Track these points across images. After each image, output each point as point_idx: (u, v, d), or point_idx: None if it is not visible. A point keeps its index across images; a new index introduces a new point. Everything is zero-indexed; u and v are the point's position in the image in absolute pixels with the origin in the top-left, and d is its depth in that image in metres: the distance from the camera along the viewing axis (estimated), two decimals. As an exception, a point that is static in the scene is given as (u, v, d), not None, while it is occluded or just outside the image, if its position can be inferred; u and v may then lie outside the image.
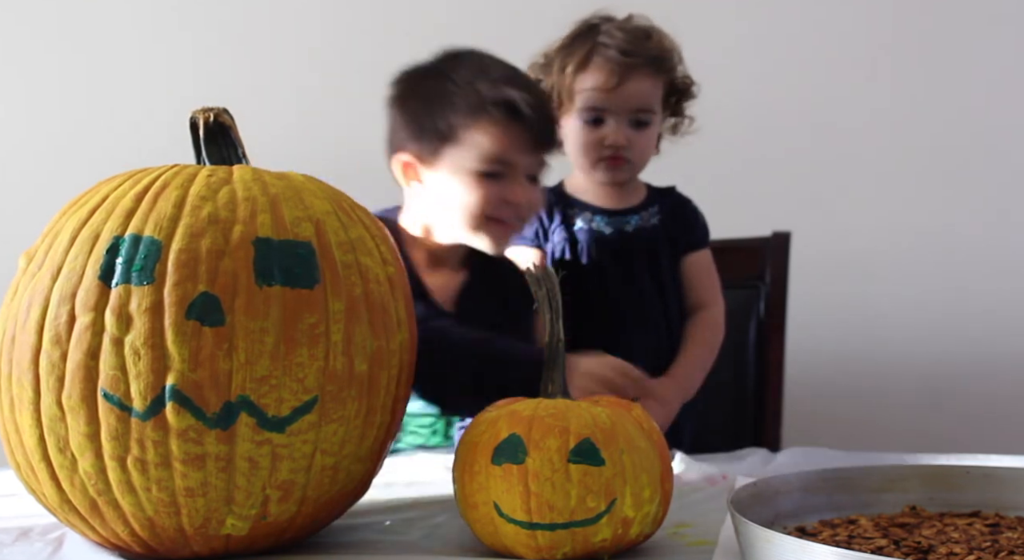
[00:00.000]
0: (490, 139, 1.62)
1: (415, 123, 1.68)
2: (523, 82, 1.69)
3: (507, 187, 1.65)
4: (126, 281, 1.04)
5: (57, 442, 1.05)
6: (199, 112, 1.17)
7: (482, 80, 1.65)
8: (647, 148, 1.85)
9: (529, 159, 1.66)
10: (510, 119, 1.62)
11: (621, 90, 1.78)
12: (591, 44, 1.80)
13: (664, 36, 1.84)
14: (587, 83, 1.80)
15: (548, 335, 1.18)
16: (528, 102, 1.63)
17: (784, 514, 1.21)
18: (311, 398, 1.06)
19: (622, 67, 1.77)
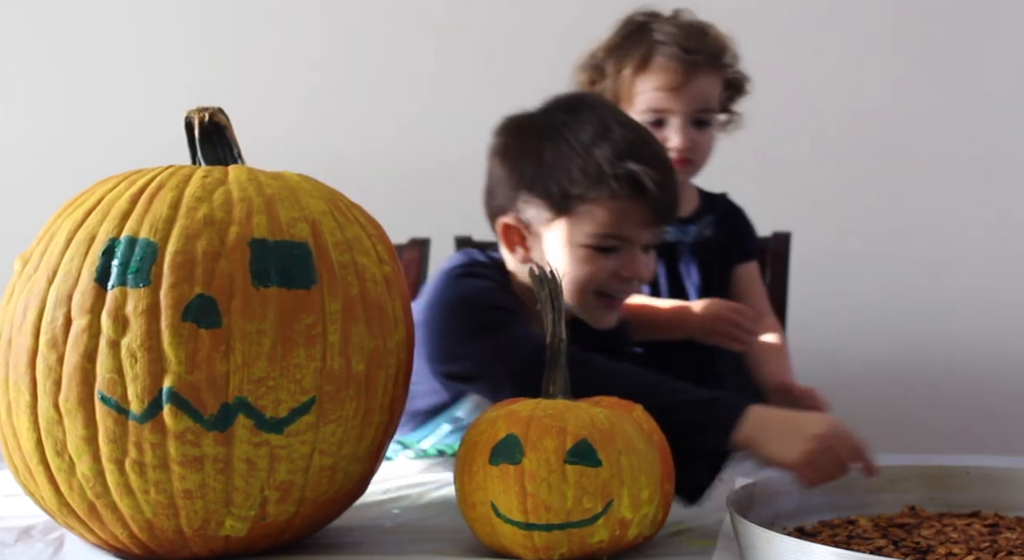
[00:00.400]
0: (609, 214, 1.47)
1: (524, 187, 1.52)
2: (649, 151, 1.51)
3: (621, 261, 1.50)
4: (122, 283, 1.04)
5: (55, 445, 1.05)
6: (194, 112, 1.17)
7: (603, 146, 1.48)
8: (708, 148, 1.80)
9: (647, 233, 1.51)
10: (631, 195, 1.46)
11: (686, 89, 1.73)
12: (648, 43, 1.75)
13: (718, 31, 1.79)
14: (649, 84, 1.74)
15: (550, 336, 1.18)
16: (653, 177, 1.46)
17: (784, 514, 1.21)
18: (309, 399, 1.06)
19: (686, 65, 1.72)
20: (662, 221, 1.52)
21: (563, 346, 1.18)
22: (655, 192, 1.46)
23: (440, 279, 1.52)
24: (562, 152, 1.49)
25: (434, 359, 1.45)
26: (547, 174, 1.49)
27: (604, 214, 1.47)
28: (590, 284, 1.50)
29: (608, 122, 1.51)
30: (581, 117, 1.52)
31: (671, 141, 1.73)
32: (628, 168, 1.45)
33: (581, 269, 1.49)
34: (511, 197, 1.52)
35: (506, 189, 1.53)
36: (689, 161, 1.76)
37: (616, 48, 1.77)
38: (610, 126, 1.50)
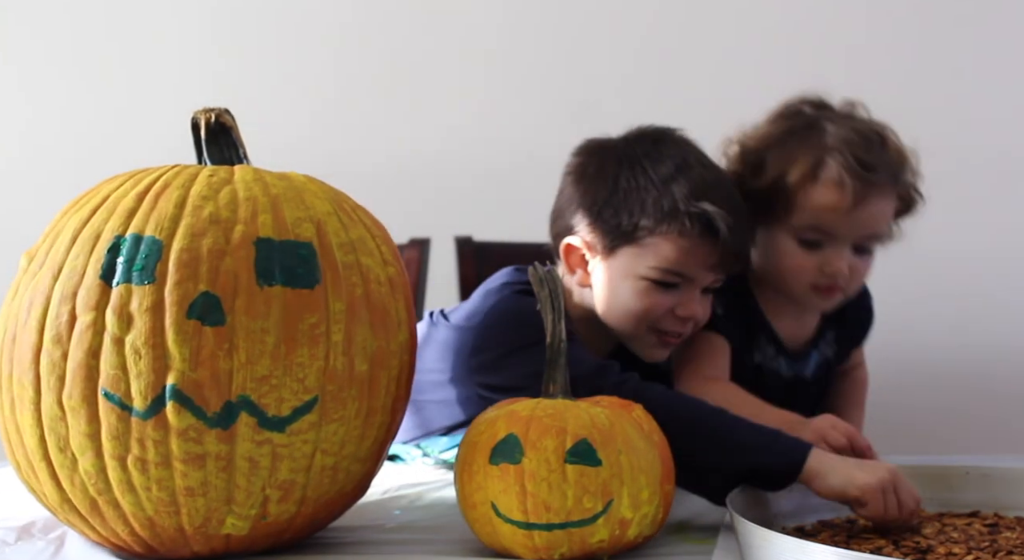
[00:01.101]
0: (675, 250, 1.46)
1: (594, 210, 1.50)
2: (724, 192, 1.49)
3: (679, 299, 1.49)
4: (127, 280, 1.04)
5: (58, 441, 1.05)
6: (200, 112, 1.18)
7: (681, 182, 1.47)
8: (865, 276, 1.57)
9: (710, 276, 1.49)
10: (701, 234, 1.45)
11: (856, 213, 1.48)
12: (818, 148, 1.50)
13: (896, 138, 1.55)
14: (816, 200, 1.49)
15: (550, 335, 1.18)
16: (726, 221, 1.45)
17: (783, 514, 1.22)
18: (311, 398, 1.06)
19: (861, 185, 1.47)
20: (728, 267, 1.50)
21: (563, 346, 1.18)
22: (726, 235, 1.45)
23: (496, 291, 1.50)
24: (639, 182, 1.48)
25: (477, 369, 1.44)
26: (621, 201, 1.48)
27: (671, 249, 1.45)
28: (646, 318, 1.49)
29: (689, 160, 1.50)
30: (663, 151, 1.51)
31: (828, 266, 1.51)
32: (703, 208, 1.44)
33: (639, 301, 1.48)
34: (579, 219, 1.52)
35: (576, 210, 1.52)
36: (839, 289, 1.54)
37: (779, 144, 1.54)
38: (691, 163, 1.50)
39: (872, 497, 1.17)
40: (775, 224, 1.52)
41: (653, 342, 1.52)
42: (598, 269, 1.51)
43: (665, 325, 1.50)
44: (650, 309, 1.48)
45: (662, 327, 1.50)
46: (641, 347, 1.53)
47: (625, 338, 1.53)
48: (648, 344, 1.52)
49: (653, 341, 1.52)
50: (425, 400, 1.50)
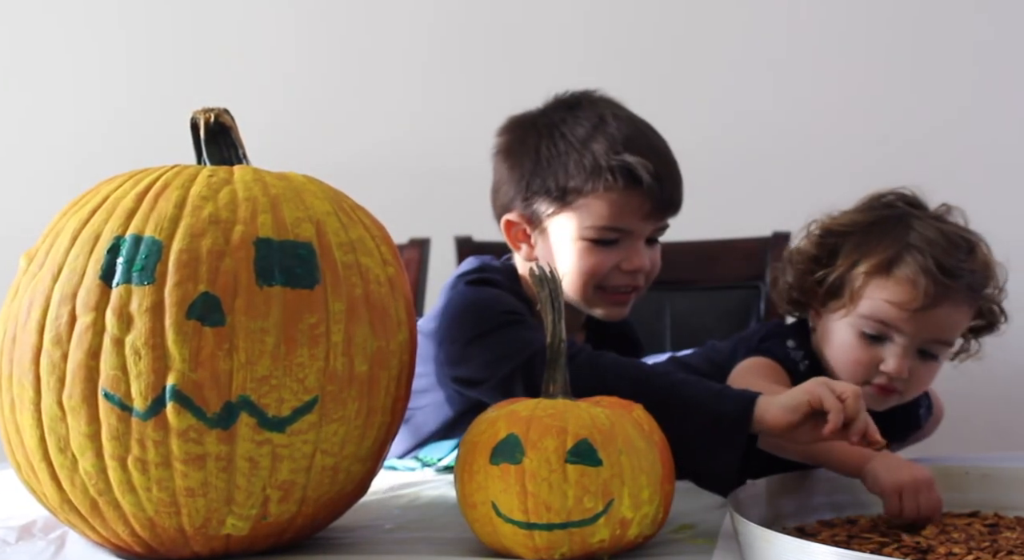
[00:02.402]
0: (606, 206, 1.48)
1: (524, 183, 1.53)
2: (645, 142, 1.51)
3: (623, 254, 1.50)
4: (127, 281, 1.04)
5: (58, 442, 1.05)
6: (200, 112, 1.18)
7: (599, 140, 1.49)
8: (928, 382, 1.48)
9: (648, 225, 1.51)
10: (628, 186, 1.47)
11: (925, 315, 1.41)
12: (900, 244, 1.43)
13: (988, 255, 1.47)
14: (885, 293, 1.42)
15: (550, 336, 1.18)
16: (649, 169, 1.46)
17: (784, 514, 1.22)
18: (311, 398, 1.06)
19: (936, 288, 1.40)
20: (662, 214, 1.51)
21: (563, 346, 1.18)
22: (650, 182, 1.46)
23: (452, 286, 1.52)
24: (559, 148, 1.51)
25: (444, 363, 1.46)
26: (545, 169, 1.51)
27: (602, 206, 1.48)
28: (593, 278, 1.50)
29: (605, 117, 1.52)
30: (579, 114, 1.53)
31: (885, 365, 1.42)
32: (623, 159, 1.47)
33: (583, 263, 1.49)
34: (513, 194, 1.54)
35: (508, 187, 1.55)
36: (895, 392, 1.45)
37: (861, 232, 1.47)
38: (606, 120, 1.51)
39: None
40: (839, 311, 1.46)
41: (609, 301, 1.53)
42: (539, 241, 1.54)
43: (614, 281, 1.51)
44: (595, 269, 1.50)
45: (613, 284, 1.51)
46: (598, 309, 1.54)
47: (582, 304, 1.54)
48: (605, 304, 1.53)
49: (609, 300, 1.53)
50: (413, 408, 1.50)
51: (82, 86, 2.45)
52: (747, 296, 2.16)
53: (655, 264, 1.55)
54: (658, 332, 2.14)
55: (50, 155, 2.42)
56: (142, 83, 2.44)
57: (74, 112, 2.44)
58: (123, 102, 2.44)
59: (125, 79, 2.45)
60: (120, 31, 2.46)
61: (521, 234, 1.56)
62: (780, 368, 1.47)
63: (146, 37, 2.45)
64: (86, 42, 2.45)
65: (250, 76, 2.43)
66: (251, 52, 2.44)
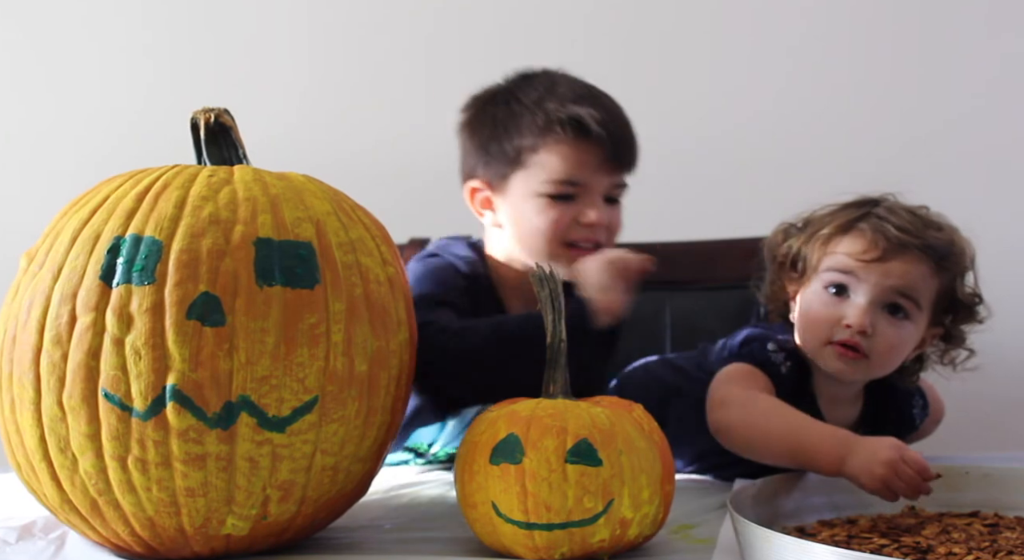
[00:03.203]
0: (558, 159, 1.53)
1: (483, 149, 1.60)
2: (593, 98, 1.57)
3: (580, 209, 1.55)
4: (127, 281, 1.04)
5: (58, 442, 1.05)
6: (200, 113, 1.18)
7: (550, 99, 1.56)
8: (894, 348, 1.43)
9: (603, 179, 1.55)
10: (578, 137, 1.52)
11: (882, 266, 1.41)
12: (864, 213, 1.46)
13: (959, 236, 1.48)
14: (842, 247, 1.44)
15: (550, 335, 1.18)
16: (597, 118, 1.52)
17: (784, 514, 1.22)
18: (311, 398, 1.06)
19: (891, 242, 1.41)
20: (616, 166, 1.56)
21: (563, 346, 1.18)
22: (599, 132, 1.52)
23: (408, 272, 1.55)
24: (514, 110, 1.58)
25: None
26: (502, 132, 1.57)
27: (555, 160, 1.54)
28: (554, 234, 1.55)
29: (557, 80, 1.61)
30: (533, 81, 1.61)
31: (847, 318, 1.41)
32: (570, 111, 1.53)
33: (542, 219, 1.55)
34: (474, 162, 1.60)
35: (470, 156, 1.62)
36: (862, 353, 1.41)
37: (830, 214, 1.50)
38: (558, 82, 1.59)
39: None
40: (806, 284, 1.47)
41: (571, 259, 1.54)
42: (501, 204, 1.59)
43: (573, 236, 1.55)
44: (554, 223, 1.54)
45: (573, 239, 1.55)
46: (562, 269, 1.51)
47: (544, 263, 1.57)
48: (568, 260, 1.55)
49: (570, 258, 1.55)
50: None
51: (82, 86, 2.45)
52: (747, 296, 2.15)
53: (615, 223, 1.60)
54: (658, 332, 2.14)
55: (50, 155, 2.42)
56: (142, 83, 2.44)
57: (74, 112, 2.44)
58: (123, 102, 2.44)
59: (125, 79, 2.45)
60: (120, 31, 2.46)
61: (485, 201, 1.61)
62: (760, 373, 1.46)
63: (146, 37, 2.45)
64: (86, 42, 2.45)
65: (250, 76, 2.43)
66: (251, 52, 2.44)
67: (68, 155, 2.40)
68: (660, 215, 2.15)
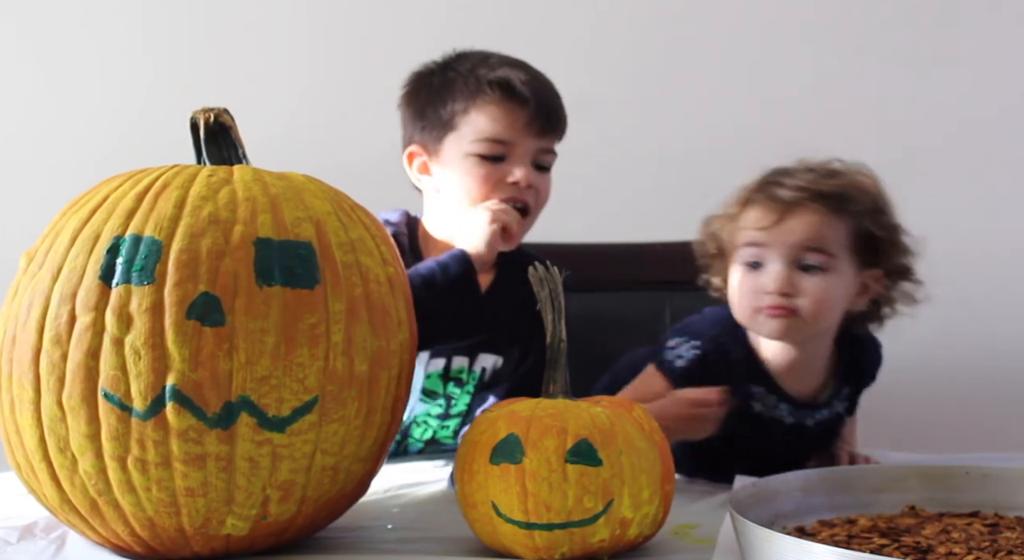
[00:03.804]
0: (486, 119, 1.62)
1: (419, 115, 1.69)
2: (524, 66, 1.67)
3: (508, 169, 1.63)
4: (127, 281, 1.04)
5: (57, 442, 1.05)
6: (199, 112, 1.18)
7: (482, 66, 1.66)
8: (822, 300, 1.47)
9: (529, 141, 1.63)
10: (505, 98, 1.62)
11: (780, 226, 1.46)
12: (760, 183, 1.52)
13: (861, 177, 1.52)
14: (745, 222, 1.50)
15: (550, 335, 1.18)
16: (523, 80, 1.62)
17: (784, 514, 1.22)
18: (311, 398, 1.06)
19: (784, 202, 1.47)
20: (542, 129, 1.64)
21: (563, 346, 1.18)
22: (526, 94, 1.62)
23: None
24: (448, 77, 1.68)
25: None
26: (436, 98, 1.67)
27: (482, 120, 1.62)
28: (481, 192, 1.62)
29: (490, 54, 1.70)
30: (469, 54, 1.71)
31: (766, 285, 1.47)
32: (499, 73, 1.63)
33: (472, 178, 1.62)
34: (412, 130, 1.71)
35: (408, 126, 1.72)
36: (789, 309, 1.46)
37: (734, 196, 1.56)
38: (491, 55, 1.69)
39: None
40: (732, 258, 1.53)
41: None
42: (436, 168, 1.67)
43: (502, 196, 1.62)
44: (483, 181, 1.62)
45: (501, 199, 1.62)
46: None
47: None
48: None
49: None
50: None
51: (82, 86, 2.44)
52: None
53: (544, 190, 1.67)
54: (658, 332, 2.14)
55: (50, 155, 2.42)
56: (142, 83, 2.44)
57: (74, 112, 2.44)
58: (123, 102, 2.44)
59: (125, 79, 2.45)
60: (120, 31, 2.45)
61: (422, 166, 1.69)
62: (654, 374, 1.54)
63: (146, 37, 2.45)
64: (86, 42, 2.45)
65: (250, 76, 2.43)
66: (251, 52, 2.44)
67: (68, 155, 2.40)
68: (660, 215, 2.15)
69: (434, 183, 1.69)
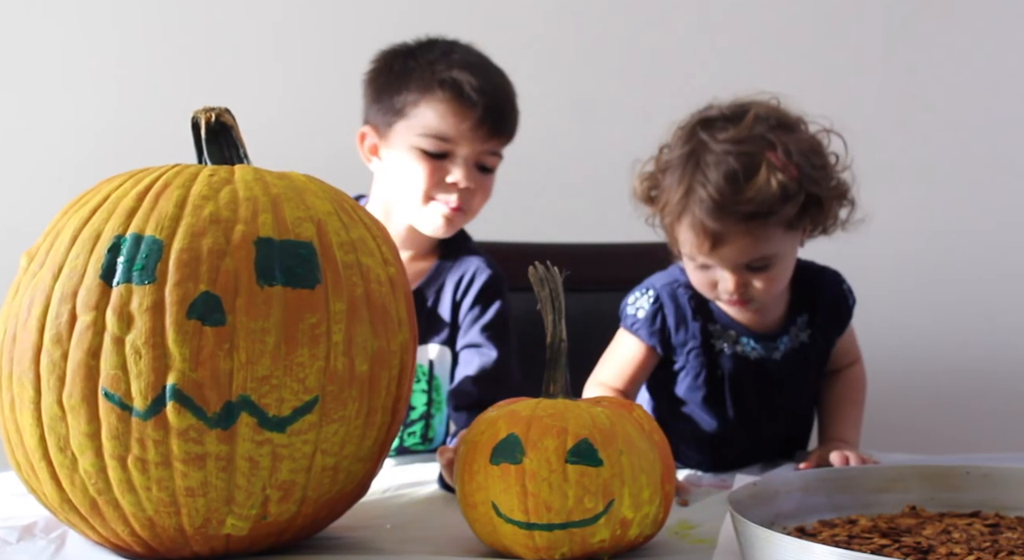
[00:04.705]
0: (434, 115, 1.66)
1: (376, 97, 1.74)
2: (481, 67, 1.71)
3: (449, 169, 1.67)
4: (127, 280, 1.04)
5: (58, 441, 1.05)
6: (201, 112, 1.18)
7: (441, 62, 1.69)
8: (774, 282, 1.55)
9: (474, 144, 1.67)
10: (454, 98, 1.66)
11: (717, 252, 1.51)
12: (687, 185, 1.51)
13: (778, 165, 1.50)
14: (682, 237, 1.54)
15: (550, 335, 1.18)
16: (475, 85, 1.66)
17: (784, 514, 1.22)
18: (312, 398, 1.06)
19: (712, 232, 1.50)
20: (487, 134, 1.67)
21: (563, 346, 1.18)
22: (475, 98, 1.65)
23: None
24: (408, 66, 1.72)
25: None
26: (394, 83, 1.71)
27: (430, 115, 1.66)
28: (418, 187, 1.66)
29: (456, 48, 1.74)
30: (435, 44, 1.75)
31: (720, 285, 1.55)
32: (454, 75, 1.67)
33: (414, 171, 1.66)
34: (368, 109, 1.75)
35: (367, 104, 1.76)
36: (747, 301, 1.56)
37: (669, 173, 1.55)
38: (455, 49, 1.73)
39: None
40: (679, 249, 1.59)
41: (435, 214, 1.69)
42: (384, 152, 1.72)
43: (440, 194, 1.68)
44: (424, 178, 1.66)
45: (438, 197, 1.68)
46: (425, 223, 1.71)
47: (411, 215, 1.72)
48: (430, 216, 1.70)
49: (433, 211, 1.69)
50: None
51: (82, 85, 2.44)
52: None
53: (485, 190, 1.72)
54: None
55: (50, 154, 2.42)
56: (143, 82, 2.44)
57: (75, 111, 2.44)
58: (124, 101, 2.44)
59: (126, 78, 2.45)
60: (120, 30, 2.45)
61: (372, 147, 1.73)
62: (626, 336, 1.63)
63: (146, 36, 2.45)
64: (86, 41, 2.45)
65: (251, 75, 2.43)
66: (253, 51, 2.44)
67: (69, 155, 2.40)
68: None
69: (380, 166, 1.74)
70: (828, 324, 1.67)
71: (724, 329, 1.61)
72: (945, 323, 2.47)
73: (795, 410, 1.69)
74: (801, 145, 1.53)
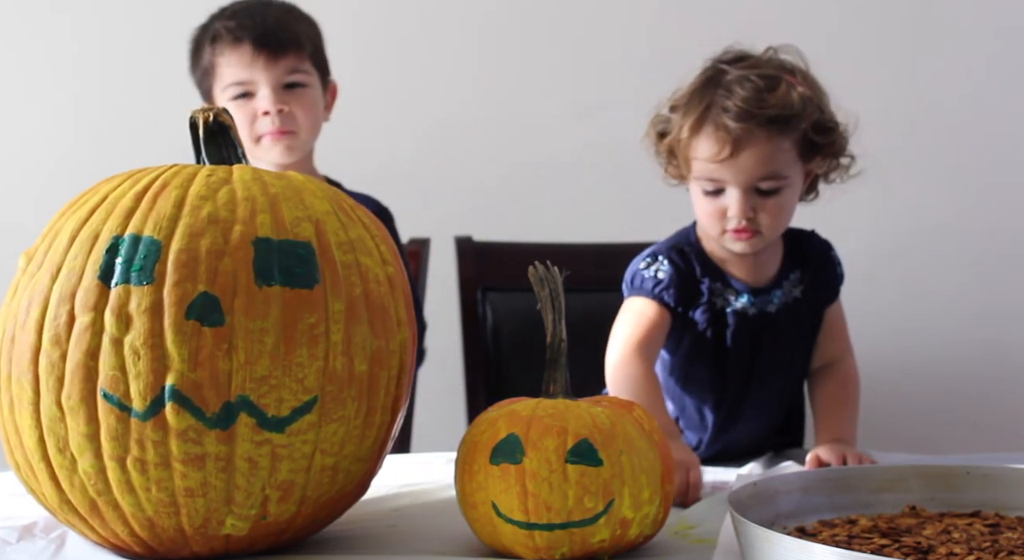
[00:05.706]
0: (223, 66, 1.84)
1: (193, 69, 1.92)
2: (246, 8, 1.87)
3: (257, 103, 1.83)
4: (126, 281, 1.04)
5: (57, 442, 1.05)
6: (199, 112, 1.18)
7: (215, 21, 1.87)
8: (781, 214, 1.59)
9: (263, 72, 1.83)
10: (229, 43, 1.83)
11: (735, 161, 1.54)
12: (708, 101, 1.56)
13: (796, 84, 1.58)
14: (699, 152, 1.56)
15: (550, 335, 1.17)
16: (236, 26, 1.82)
17: (784, 514, 1.21)
18: (311, 398, 1.06)
19: (734, 135, 1.53)
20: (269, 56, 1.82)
21: (563, 346, 1.18)
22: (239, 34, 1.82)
23: None
24: (200, 34, 1.90)
25: None
26: (195, 54, 1.91)
27: (222, 68, 1.85)
28: (245, 133, 1.78)
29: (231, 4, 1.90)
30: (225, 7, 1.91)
31: (729, 211, 1.57)
32: (216, 27, 1.85)
33: (237, 116, 1.75)
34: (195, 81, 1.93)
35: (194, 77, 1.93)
36: (754, 231, 1.58)
37: (685, 101, 1.60)
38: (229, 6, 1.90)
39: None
40: (688, 174, 1.61)
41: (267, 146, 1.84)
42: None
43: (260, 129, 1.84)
44: (242, 123, 1.80)
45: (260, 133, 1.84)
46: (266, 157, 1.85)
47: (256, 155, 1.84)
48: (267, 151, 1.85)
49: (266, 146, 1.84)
50: None
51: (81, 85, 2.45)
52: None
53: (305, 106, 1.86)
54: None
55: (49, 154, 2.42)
56: (141, 82, 2.44)
57: (73, 111, 2.44)
58: (122, 101, 2.44)
59: (124, 78, 2.45)
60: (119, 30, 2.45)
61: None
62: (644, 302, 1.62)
63: (146, 35, 2.45)
64: (85, 41, 2.45)
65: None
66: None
67: (67, 155, 2.40)
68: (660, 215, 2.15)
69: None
70: (819, 284, 1.71)
71: (725, 286, 1.64)
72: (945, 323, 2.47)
73: (790, 373, 1.71)
74: (813, 80, 1.61)
